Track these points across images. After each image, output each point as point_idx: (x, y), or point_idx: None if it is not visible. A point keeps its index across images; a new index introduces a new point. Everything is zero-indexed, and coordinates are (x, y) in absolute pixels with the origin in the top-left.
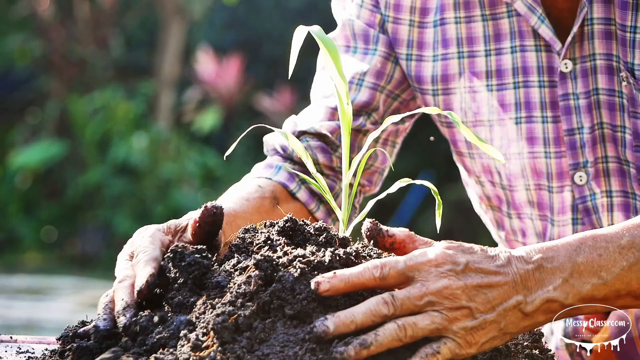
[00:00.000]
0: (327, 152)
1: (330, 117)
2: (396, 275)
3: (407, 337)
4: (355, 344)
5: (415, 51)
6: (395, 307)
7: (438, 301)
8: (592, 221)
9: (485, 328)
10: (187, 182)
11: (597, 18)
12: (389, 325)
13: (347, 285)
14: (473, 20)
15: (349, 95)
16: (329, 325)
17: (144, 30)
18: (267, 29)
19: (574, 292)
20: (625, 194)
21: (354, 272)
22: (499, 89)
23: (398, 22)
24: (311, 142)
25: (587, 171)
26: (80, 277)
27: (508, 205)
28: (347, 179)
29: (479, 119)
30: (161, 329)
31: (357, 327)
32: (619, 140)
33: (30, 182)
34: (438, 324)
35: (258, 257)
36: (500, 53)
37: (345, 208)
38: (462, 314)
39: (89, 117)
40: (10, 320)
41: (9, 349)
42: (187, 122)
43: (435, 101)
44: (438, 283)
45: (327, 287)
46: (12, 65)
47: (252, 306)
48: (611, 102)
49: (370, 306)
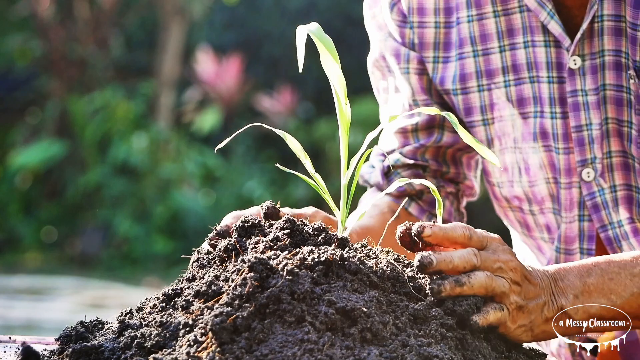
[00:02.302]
0: (420, 176)
1: (404, 141)
2: (477, 239)
3: (490, 287)
4: (451, 280)
5: (442, 53)
6: (480, 260)
7: (505, 269)
8: (601, 217)
9: (524, 312)
10: (187, 182)
11: (607, 15)
12: (479, 273)
13: (444, 235)
14: (485, 17)
15: (412, 120)
16: (432, 260)
17: (144, 30)
18: (267, 29)
19: (583, 310)
20: (629, 188)
21: (448, 226)
22: (517, 83)
23: (423, 26)
24: (403, 173)
25: (595, 167)
26: (80, 277)
27: (529, 202)
28: (345, 178)
29: (500, 115)
30: (160, 330)
31: (453, 268)
32: (624, 135)
33: (30, 182)
34: (506, 289)
35: (252, 259)
36: (514, 48)
37: (344, 208)
38: (517, 290)
39: (89, 117)
40: (10, 320)
41: (7, 350)
42: (187, 122)
43: (457, 101)
44: (505, 255)
45: (430, 233)
46: (12, 65)
47: (249, 307)
48: (618, 98)
49: (464, 254)
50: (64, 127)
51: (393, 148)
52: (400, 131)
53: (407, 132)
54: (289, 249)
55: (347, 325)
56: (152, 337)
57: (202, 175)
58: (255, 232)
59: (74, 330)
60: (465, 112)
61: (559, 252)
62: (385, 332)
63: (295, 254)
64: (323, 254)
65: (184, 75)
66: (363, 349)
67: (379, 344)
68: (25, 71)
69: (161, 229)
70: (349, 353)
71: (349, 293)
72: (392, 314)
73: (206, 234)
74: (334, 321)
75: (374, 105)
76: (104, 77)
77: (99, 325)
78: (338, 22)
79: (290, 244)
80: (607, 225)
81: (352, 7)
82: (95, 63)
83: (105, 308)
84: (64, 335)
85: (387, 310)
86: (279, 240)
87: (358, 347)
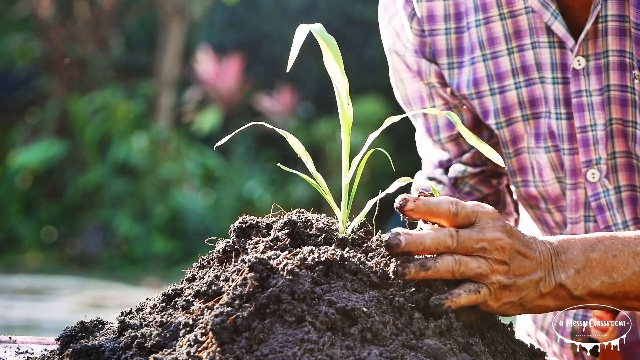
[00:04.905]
0: (485, 180)
1: (459, 148)
2: (464, 215)
3: (458, 272)
4: (417, 263)
5: (456, 59)
6: (458, 242)
7: (489, 249)
8: (606, 218)
9: (512, 290)
10: (187, 182)
11: (611, 15)
12: (447, 256)
13: (427, 210)
14: (491, 20)
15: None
16: (401, 240)
17: (144, 30)
18: (267, 29)
19: (584, 285)
20: (633, 188)
21: (433, 200)
22: (527, 84)
23: (434, 34)
24: (470, 182)
25: (600, 168)
26: (80, 277)
27: (545, 201)
28: (347, 179)
29: (514, 116)
30: (161, 330)
31: (424, 250)
32: (629, 135)
33: (30, 182)
34: (483, 270)
35: (253, 258)
36: (522, 50)
37: (345, 208)
38: (503, 269)
39: (89, 117)
40: (10, 320)
41: (8, 350)
42: (187, 122)
43: (474, 105)
44: (493, 233)
45: (412, 207)
46: (12, 65)
47: (250, 307)
48: (623, 98)
49: (439, 235)
50: (64, 127)
51: (449, 157)
52: (451, 139)
53: (457, 139)
54: (289, 249)
55: (348, 325)
56: (152, 337)
57: (202, 175)
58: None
59: (74, 330)
60: (483, 116)
61: None
62: (385, 332)
63: (296, 254)
64: (323, 254)
65: (184, 75)
66: (363, 348)
67: (379, 344)
68: (25, 71)
69: (161, 229)
70: (349, 353)
71: (349, 293)
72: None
73: (206, 234)
74: (334, 321)
75: (374, 105)
76: (104, 77)
77: (99, 325)
78: (338, 22)
79: (290, 244)
80: (612, 226)
81: (352, 7)
82: (95, 63)
83: (105, 308)
84: (64, 335)
85: (387, 310)
86: (279, 240)
87: (358, 347)
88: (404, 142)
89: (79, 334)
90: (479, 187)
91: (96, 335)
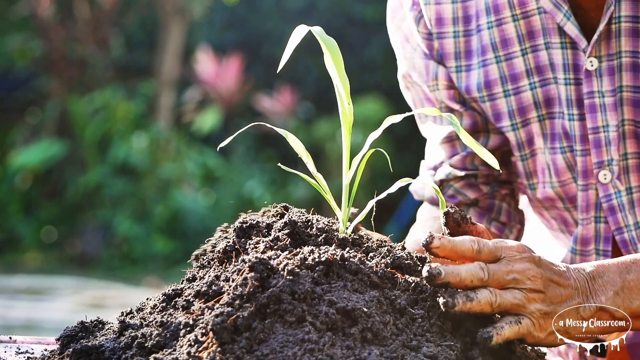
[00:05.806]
0: (473, 185)
1: (452, 150)
2: (487, 252)
3: (496, 303)
4: (462, 294)
5: (464, 62)
6: (489, 274)
7: (521, 279)
8: (617, 219)
9: (553, 318)
10: (187, 182)
11: (624, 16)
12: (483, 289)
13: (452, 247)
14: (504, 22)
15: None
16: (442, 271)
17: (144, 30)
18: (267, 29)
19: (624, 306)
20: None
21: (457, 239)
22: (542, 84)
23: (443, 37)
24: (455, 185)
25: (612, 169)
26: (80, 277)
27: (563, 201)
28: (347, 178)
29: (530, 117)
30: (161, 330)
31: (460, 281)
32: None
33: (30, 182)
34: (519, 301)
35: (253, 258)
36: (536, 50)
37: (345, 208)
38: (539, 297)
39: (89, 117)
40: (10, 320)
41: (8, 350)
42: (187, 122)
43: (485, 108)
44: (522, 264)
45: (438, 244)
46: (12, 65)
47: (250, 307)
48: (636, 99)
49: (471, 267)
50: (64, 127)
51: (442, 159)
52: (447, 140)
53: (453, 140)
54: (289, 249)
55: (348, 325)
56: (152, 337)
57: (202, 175)
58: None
59: (74, 330)
60: (494, 119)
61: (574, 253)
62: (385, 332)
63: (296, 254)
64: (323, 254)
65: (184, 75)
66: (364, 348)
67: (379, 344)
68: (25, 71)
69: (161, 229)
70: (350, 353)
71: (350, 293)
72: (392, 314)
73: (206, 234)
74: (335, 321)
75: (374, 105)
76: (104, 77)
77: (99, 325)
78: (338, 22)
79: (290, 244)
80: (623, 227)
81: (352, 7)
82: (95, 63)
83: (105, 308)
84: (64, 335)
85: (387, 310)
86: (279, 240)
87: (359, 347)
88: (404, 142)
89: (79, 334)
90: (463, 192)
91: (96, 335)
